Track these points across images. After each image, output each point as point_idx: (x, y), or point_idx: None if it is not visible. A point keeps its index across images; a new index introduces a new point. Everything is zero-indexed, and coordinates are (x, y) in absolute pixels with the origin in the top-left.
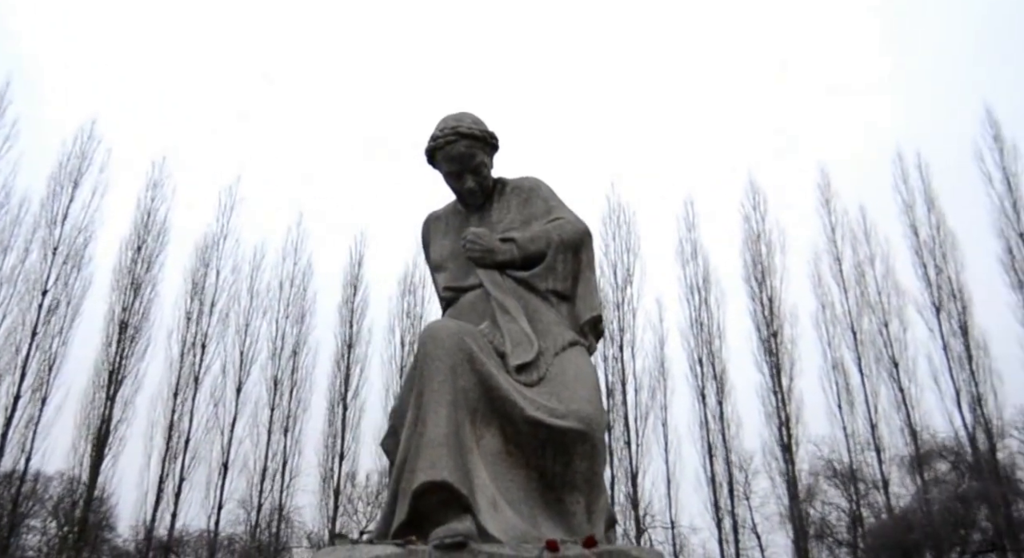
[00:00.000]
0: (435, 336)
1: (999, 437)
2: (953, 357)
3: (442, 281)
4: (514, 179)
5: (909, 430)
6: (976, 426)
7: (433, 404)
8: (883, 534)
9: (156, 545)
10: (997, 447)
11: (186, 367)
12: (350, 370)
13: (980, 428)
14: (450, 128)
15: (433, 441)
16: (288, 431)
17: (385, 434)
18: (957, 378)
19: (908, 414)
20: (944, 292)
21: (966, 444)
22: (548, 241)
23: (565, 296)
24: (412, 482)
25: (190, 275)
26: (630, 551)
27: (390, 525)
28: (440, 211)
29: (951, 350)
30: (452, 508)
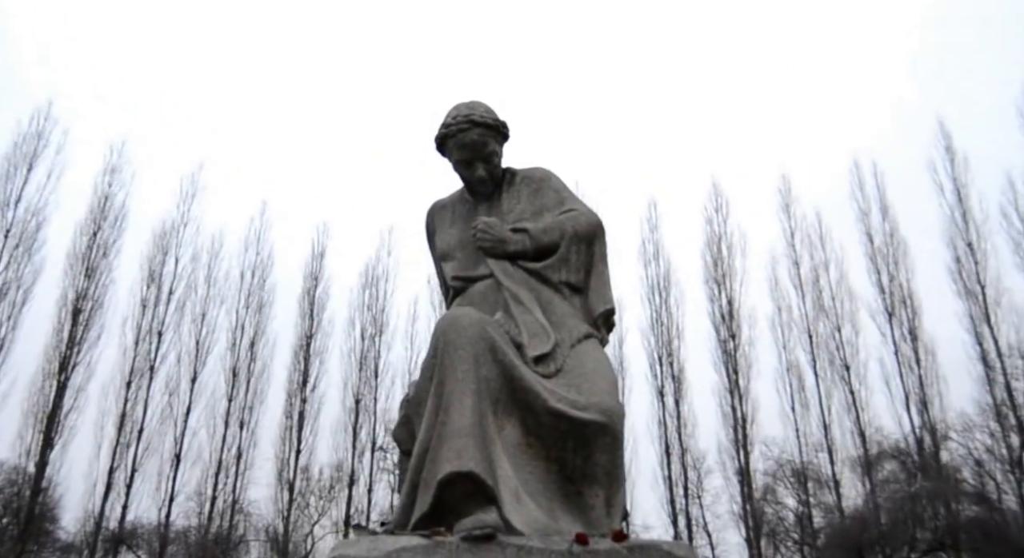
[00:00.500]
0: (457, 324)
1: (943, 439)
2: (904, 361)
3: (450, 270)
4: (523, 169)
5: (859, 432)
6: (923, 428)
7: (457, 394)
8: (837, 533)
9: (105, 537)
10: (941, 448)
11: (141, 355)
12: (309, 362)
13: (927, 430)
14: (463, 116)
15: (459, 431)
16: (244, 423)
17: (397, 424)
18: (907, 382)
19: (858, 416)
20: (896, 298)
21: (914, 446)
22: (562, 232)
23: (578, 288)
24: (436, 472)
25: (147, 262)
26: (661, 545)
27: (409, 516)
28: (446, 199)
29: (902, 355)
30: (476, 500)
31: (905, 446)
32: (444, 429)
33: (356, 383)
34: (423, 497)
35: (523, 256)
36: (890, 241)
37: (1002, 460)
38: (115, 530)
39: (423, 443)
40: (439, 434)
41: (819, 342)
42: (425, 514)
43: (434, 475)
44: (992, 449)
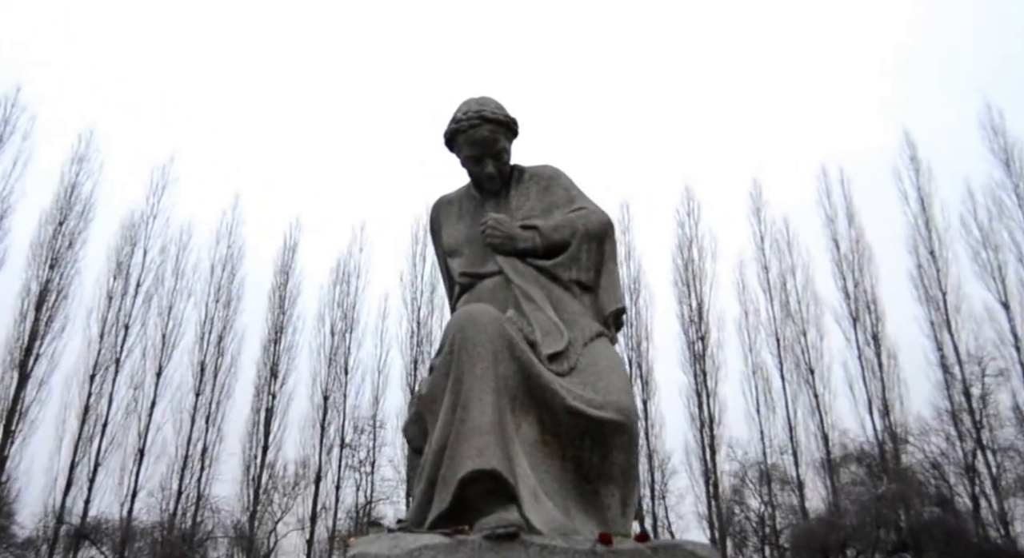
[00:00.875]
0: (475, 321)
1: (903, 443)
2: (867, 366)
3: (457, 266)
4: (532, 167)
5: (822, 435)
6: (885, 432)
7: (477, 390)
8: (802, 533)
9: (67, 532)
10: (901, 452)
11: (106, 348)
12: (279, 358)
13: (888, 434)
14: (474, 112)
15: (479, 428)
16: (211, 418)
17: (407, 421)
18: (870, 386)
19: (822, 419)
20: (860, 303)
21: (878, 448)
22: (572, 230)
23: (588, 287)
24: (457, 470)
25: (114, 253)
26: (684, 545)
27: (426, 513)
28: (452, 195)
29: (866, 359)
30: (497, 498)
31: (869, 449)
32: (463, 426)
33: (325, 379)
34: (441, 495)
35: (533, 253)
36: (856, 247)
37: (956, 464)
38: (76, 525)
39: (440, 440)
40: (457, 431)
41: (786, 345)
42: (444, 512)
43: (454, 473)
44: (947, 453)
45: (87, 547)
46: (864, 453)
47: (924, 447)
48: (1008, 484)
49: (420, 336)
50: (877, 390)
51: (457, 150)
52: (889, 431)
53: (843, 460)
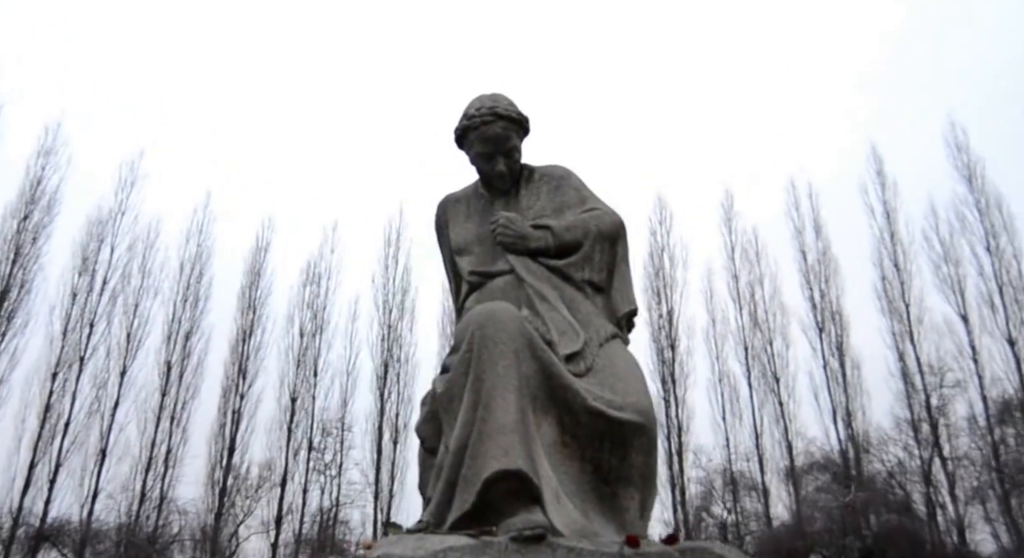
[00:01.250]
0: (495, 318)
1: (864, 452)
2: (832, 375)
3: (466, 265)
4: (542, 166)
5: (786, 443)
6: (848, 440)
7: (500, 389)
8: (768, 540)
9: (28, 534)
10: (863, 460)
11: (69, 346)
12: (248, 359)
13: (851, 443)
14: (487, 108)
15: (503, 428)
16: (176, 419)
17: (420, 420)
18: (834, 395)
19: (786, 427)
20: (826, 314)
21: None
22: (585, 231)
23: (600, 287)
24: (481, 469)
25: (80, 249)
26: (712, 548)
27: (445, 514)
28: (458, 193)
29: (831, 369)
30: (521, 499)
31: (834, 457)
32: (485, 426)
33: (293, 381)
34: (463, 495)
35: (544, 253)
36: (823, 259)
37: (913, 472)
38: (36, 527)
39: (460, 439)
40: (479, 431)
41: (753, 354)
42: (467, 512)
43: (478, 473)
44: (904, 462)
45: (47, 549)
46: (830, 461)
47: (883, 456)
48: (964, 492)
49: (391, 339)
50: (841, 399)
51: (467, 147)
52: (852, 440)
53: (809, 468)
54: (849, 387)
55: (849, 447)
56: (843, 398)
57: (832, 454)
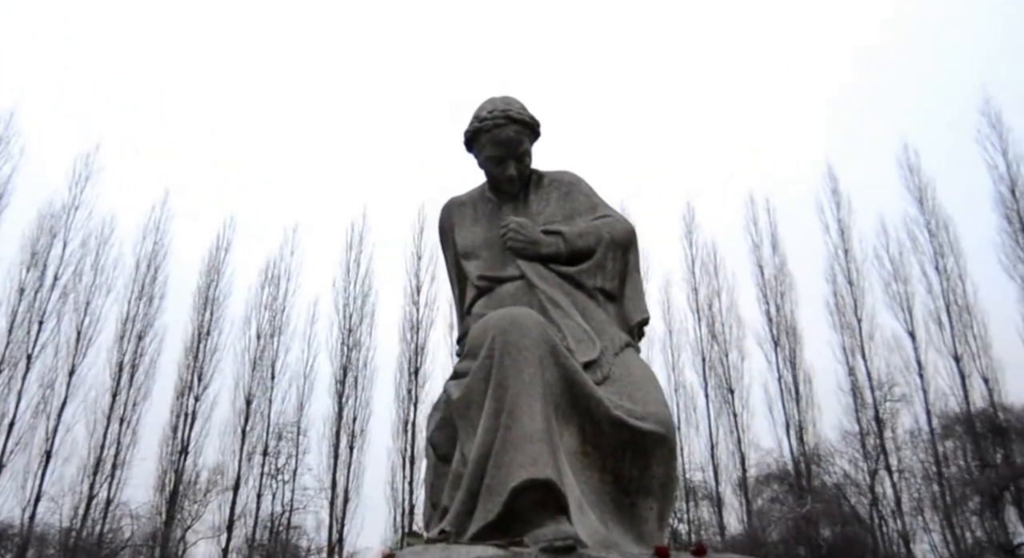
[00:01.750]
0: (519, 324)
1: (814, 463)
2: (786, 388)
3: (475, 269)
4: (551, 172)
5: (739, 453)
6: (801, 452)
7: (525, 397)
8: (724, 550)
9: None
10: (814, 472)
11: (15, 343)
12: (204, 360)
13: (803, 455)
14: (500, 111)
15: (531, 436)
16: (125, 420)
17: (433, 427)
18: (788, 407)
19: (739, 438)
20: (781, 328)
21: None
22: (598, 238)
23: (612, 296)
24: (508, 479)
25: (30, 244)
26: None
27: (466, 524)
28: (464, 197)
29: (785, 382)
30: (547, 509)
31: (786, 469)
32: (510, 434)
33: (248, 383)
34: (487, 504)
35: (556, 259)
36: (779, 273)
37: (858, 485)
38: None
39: (482, 447)
40: (504, 439)
41: (710, 365)
42: (491, 522)
43: (504, 482)
44: (849, 474)
45: None
46: (785, 472)
47: (830, 468)
48: (910, 504)
49: (350, 343)
50: (794, 412)
51: (478, 150)
52: (803, 452)
53: (765, 479)
54: (801, 400)
55: (801, 459)
56: (795, 411)
57: (786, 465)
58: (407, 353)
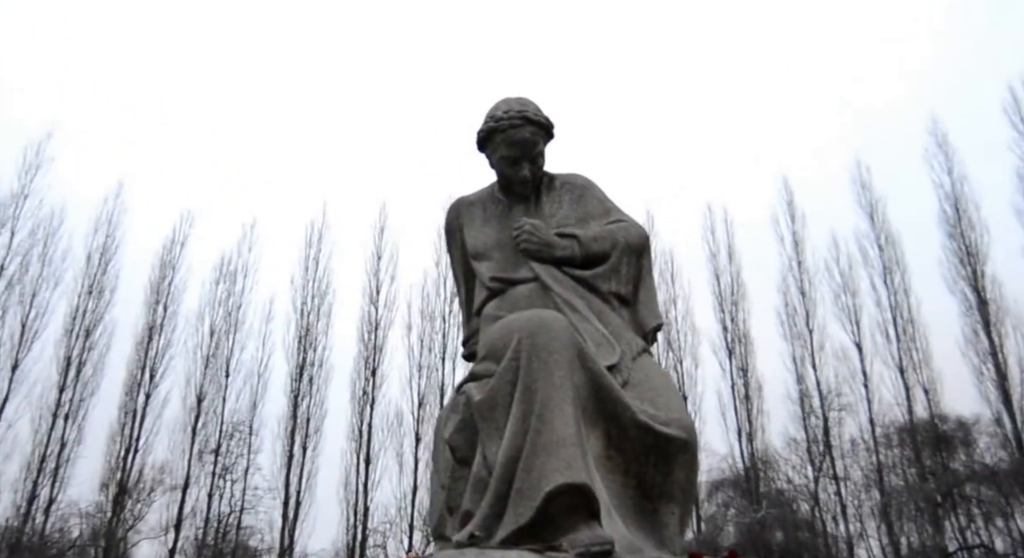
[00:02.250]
0: (547, 326)
1: (764, 470)
2: (738, 395)
3: (486, 270)
4: (563, 174)
5: None
6: (752, 458)
7: (556, 401)
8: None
9: None
10: (763, 479)
11: None
12: (155, 356)
13: (752, 461)
14: (516, 112)
15: (564, 440)
16: (71, 416)
17: (454, 429)
18: (740, 414)
19: None
20: (736, 336)
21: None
22: (613, 242)
23: (627, 300)
24: (540, 483)
25: None
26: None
27: (494, 528)
28: (473, 197)
29: (738, 389)
30: (580, 514)
31: (739, 474)
32: (541, 438)
33: (200, 381)
34: (518, 508)
35: (570, 263)
36: (734, 283)
37: (804, 491)
38: None
39: (511, 450)
40: (535, 442)
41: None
42: (523, 526)
43: (537, 486)
44: (794, 481)
45: None
46: (737, 478)
47: (776, 475)
48: (853, 511)
49: (307, 342)
50: (745, 419)
51: (491, 150)
52: (753, 458)
53: (720, 484)
54: (752, 407)
55: (751, 465)
56: (747, 418)
57: (739, 471)
58: (365, 353)
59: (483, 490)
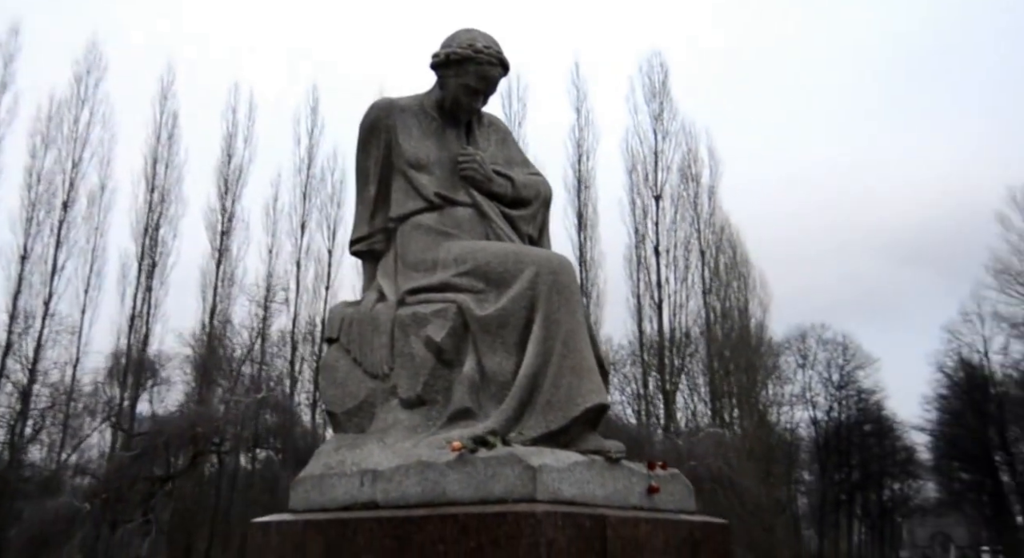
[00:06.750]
0: (567, 269)
1: None
2: None
3: (428, 183)
4: (487, 114)
5: None
6: None
7: (580, 334)
8: None
9: None
10: None
11: None
12: None
13: None
14: (495, 51)
15: (591, 368)
16: None
17: (445, 334)
18: None
19: None
20: None
21: None
22: (536, 192)
23: (535, 244)
24: (579, 399)
25: None
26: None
27: (511, 429)
28: (404, 102)
29: None
30: (588, 426)
31: None
32: (568, 361)
33: None
34: (548, 416)
35: (501, 200)
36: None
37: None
38: None
39: (534, 368)
40: (562, 365)
41: None
42: (553, 432)
43: (570, 400)
44: None
45: None
46: None
47: None
48: None
49: None
50: None
51: (458, 73)
52: None
53: None
54: None
55: None
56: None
57: None
58: None
59: (478, 392)
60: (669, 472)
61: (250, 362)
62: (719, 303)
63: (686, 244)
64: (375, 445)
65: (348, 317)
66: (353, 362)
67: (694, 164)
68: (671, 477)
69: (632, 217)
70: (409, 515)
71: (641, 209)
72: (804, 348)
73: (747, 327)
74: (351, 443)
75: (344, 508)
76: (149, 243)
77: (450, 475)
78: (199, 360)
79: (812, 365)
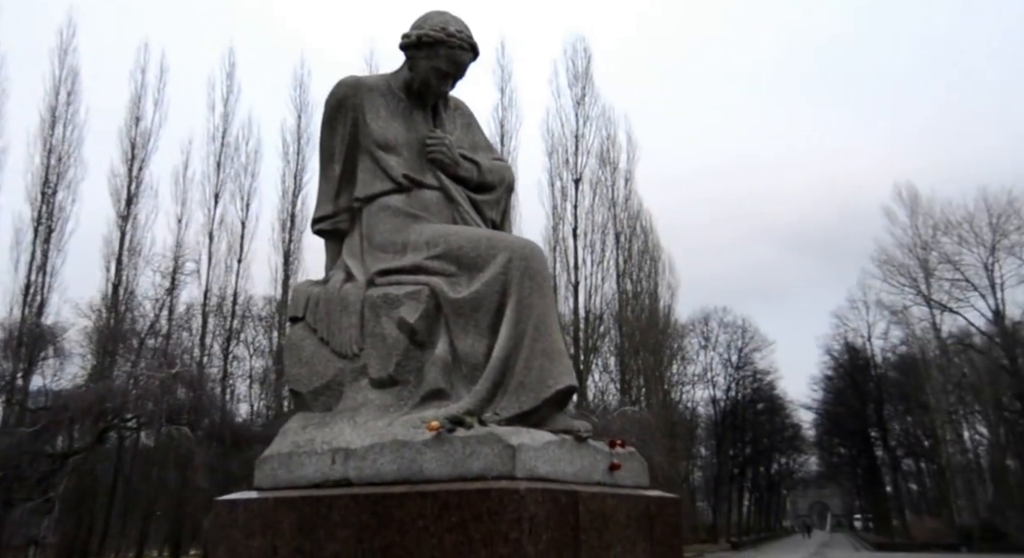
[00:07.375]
0: (539, 256)
1: None
2: None
3: (396, 165)
4: (453, 97)
5: None
6: None
7: (551, 319)
8: None
9: None
10: None
11: None
12: None
13: None
14: (466, 36)
15: (561, 352)
16: None
17: (418, 316)
18: None
19: None
20: None
21: None
22: (501, 178)
23: (497, 229)
24: (550, 381)
25: None
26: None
27: (485, 409)
28: (371, 82)
29: None
30: (557, 407)
31: None
32: (540, 345)
33: None
34: (520, 397)
35: (466, 184)
36: None
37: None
38: None
39: (506, 350)
40: (533, 348)
41: None
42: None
43: (543, 382)
44: None
45: None
46: None
47: None
48: None
49: None
50: None
51: (428, 56)
52: None
53: None
54: None
55: None
56: None
57: None
58: None
59: (451, 373)
60: (627, 450)
61: (154, 335)
62: (631, 286)
63: (603, 228)
64: (346, 424)
65: (315, 296)
66: (320, 341)
67: (612, 149)
68: (629, 455)
69: (551, 199)
70: (388, 492)
71: (560, 191)
72: (707, 330)
73: (656, 310)
74: (319, 422)
75: (315, 486)
76: (46, 207)
77: (427, 453)
78: (101, 333)
79: (714, 346)
